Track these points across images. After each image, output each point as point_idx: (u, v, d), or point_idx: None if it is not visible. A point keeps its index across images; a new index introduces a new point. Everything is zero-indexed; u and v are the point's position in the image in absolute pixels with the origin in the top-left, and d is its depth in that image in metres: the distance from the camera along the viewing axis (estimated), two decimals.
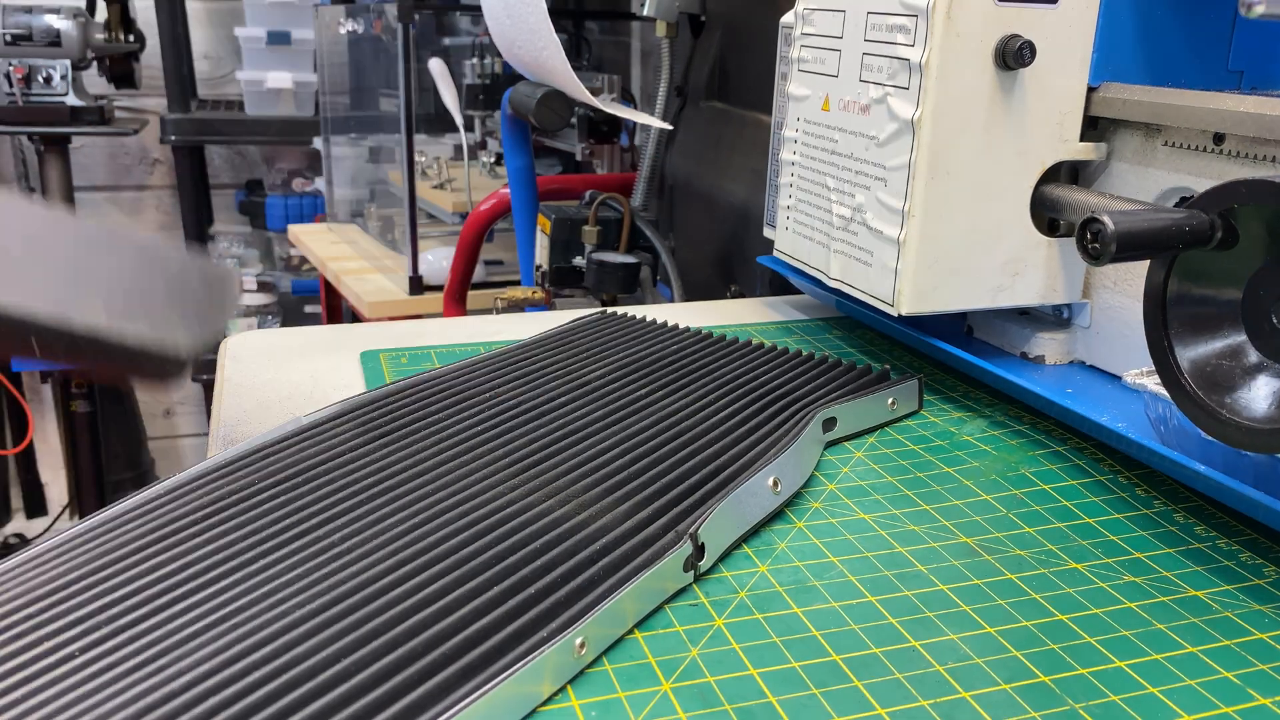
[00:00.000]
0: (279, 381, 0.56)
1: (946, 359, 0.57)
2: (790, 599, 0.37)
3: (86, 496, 2.03)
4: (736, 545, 0.40)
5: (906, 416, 0.53)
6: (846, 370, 0.54)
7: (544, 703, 0.31)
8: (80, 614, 0.32)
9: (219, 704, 0.27)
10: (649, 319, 0.61)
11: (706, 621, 0.35)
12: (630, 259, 1.03)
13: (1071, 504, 0.44)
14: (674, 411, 0.47)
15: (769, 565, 0.39)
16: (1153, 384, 0.44)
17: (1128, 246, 0.36)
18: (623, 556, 0.35)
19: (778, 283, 0.81)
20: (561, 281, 1.07)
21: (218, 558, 0.35)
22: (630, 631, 0.34)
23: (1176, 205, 0.49)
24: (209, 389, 2.15)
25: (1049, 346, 0.56)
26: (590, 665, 0.33)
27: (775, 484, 0.42)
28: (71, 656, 0.30)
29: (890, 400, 0.52)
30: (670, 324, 0.60)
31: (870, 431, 0.51)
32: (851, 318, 0.67)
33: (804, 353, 0.55)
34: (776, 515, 0.42)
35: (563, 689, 0.32)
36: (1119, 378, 0.49)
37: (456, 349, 0.60)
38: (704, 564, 0.37)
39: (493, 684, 0.29)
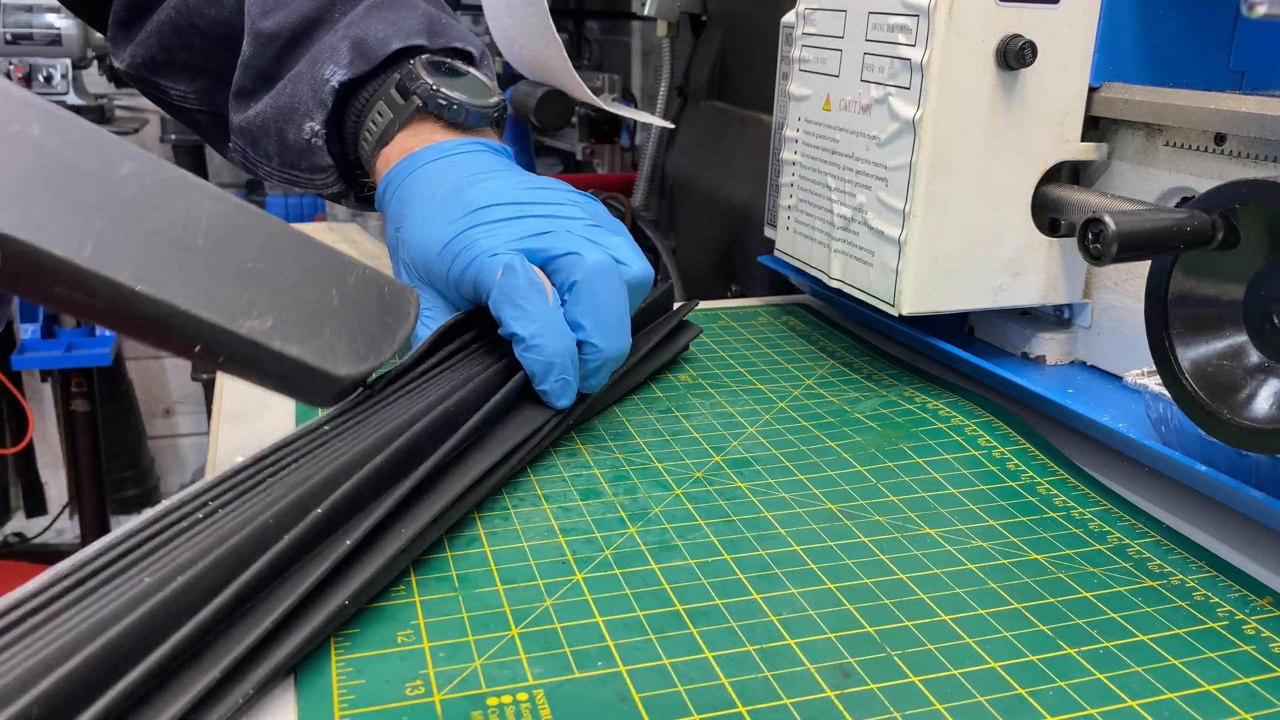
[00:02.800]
0: None
1: (947, 359, 0.57)
2: (651, 557, 0.39)
3: (86, 496, 2.03)
4: (610, 509, 0.42)
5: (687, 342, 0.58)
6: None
7: (397, 645, 0.34)
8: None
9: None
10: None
11: (567, 576, 0.38)
12: None
13: (940, 475, 0.46)
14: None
15: (639, 528, 0.41)
16: (1154, 384, 0.44)
17: (1129, 247, 0.36)
18: None
19: (778, 282, 0.81)
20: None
21: None
22: (495, 587, 0.37)
23: (1178, 205, 0.49)
24: (209, 388, 2.15)
25: (1050, 347, 0.56)
26: (448, 614, 0.35)
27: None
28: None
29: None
30: None
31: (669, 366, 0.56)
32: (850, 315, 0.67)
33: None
34: (656, 484, 0.45)
35: (416, 635, 0.34)
36: (1120, 378, 0.49)
37: None
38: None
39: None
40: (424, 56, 0.56)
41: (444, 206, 0.49)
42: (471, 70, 0.57)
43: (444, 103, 0.54)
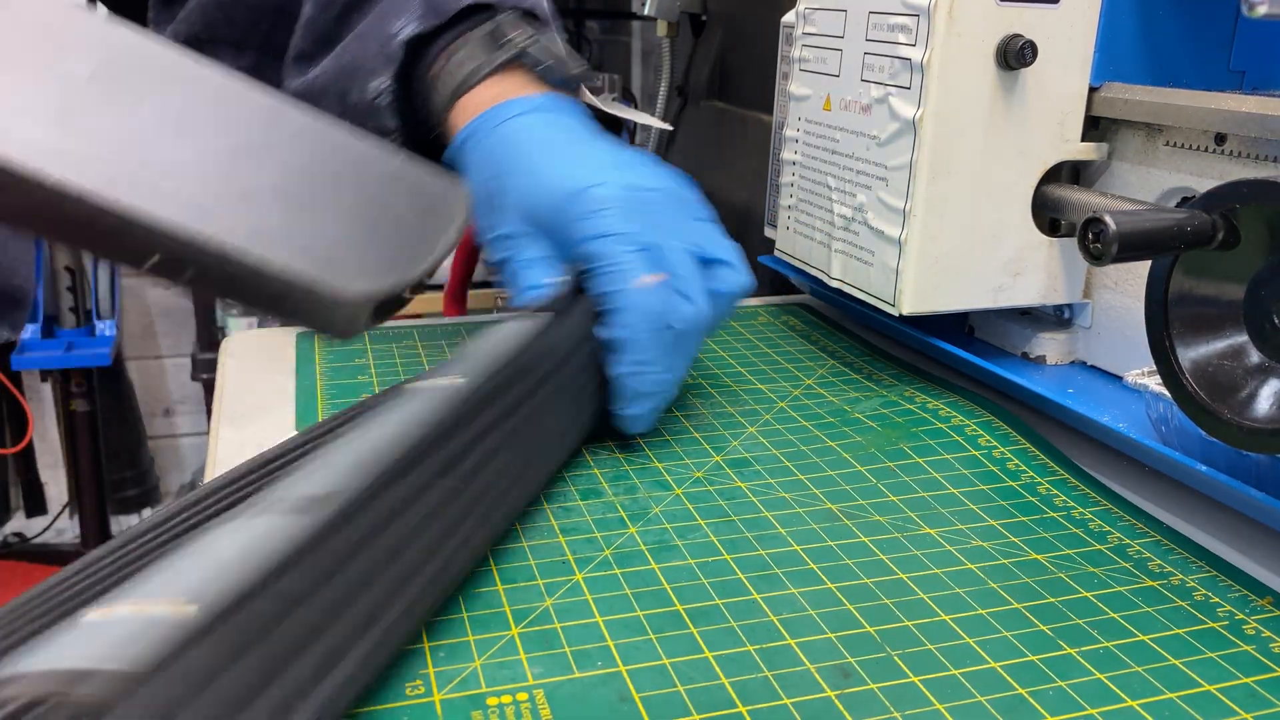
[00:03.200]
0: (279, 381, 0.56)
1: (947, 359, 0.57)
2: (651, 557, 0.39)
3: (86, 496, 2.03)
4: (611, 508, 0.43)
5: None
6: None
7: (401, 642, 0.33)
8: None
9: None
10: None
11: (567, 576, 0.38)
12: None
13: (940, 475, 0.46)
14: None
15: (639, 527, 0.41)
16: (1154, 384, 0.44)
17: (1129, 247, 0.36)
18: None
19: (778, 282, 0.81)
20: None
21: None
22: (495, 587, 0.37)
23: (1178, 205, 0.49)
24: (209, 388, 2.15)
25: (1050, 347, 0.56)
26: (448, 613, 0.35)
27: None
28: None
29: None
30: None
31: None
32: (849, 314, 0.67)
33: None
34: (656, 483, 0.45)
35: (416, 635, 0.34)
36: (1120, 378, 0.49)
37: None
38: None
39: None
40: (510, 12, 0.53)
41: (572, 150, 0.47)
42: (551, 33, 0.55)
43: (539, 57, 0.52)
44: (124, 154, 0.27)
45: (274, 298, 0.29)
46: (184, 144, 0.29)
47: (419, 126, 0.55)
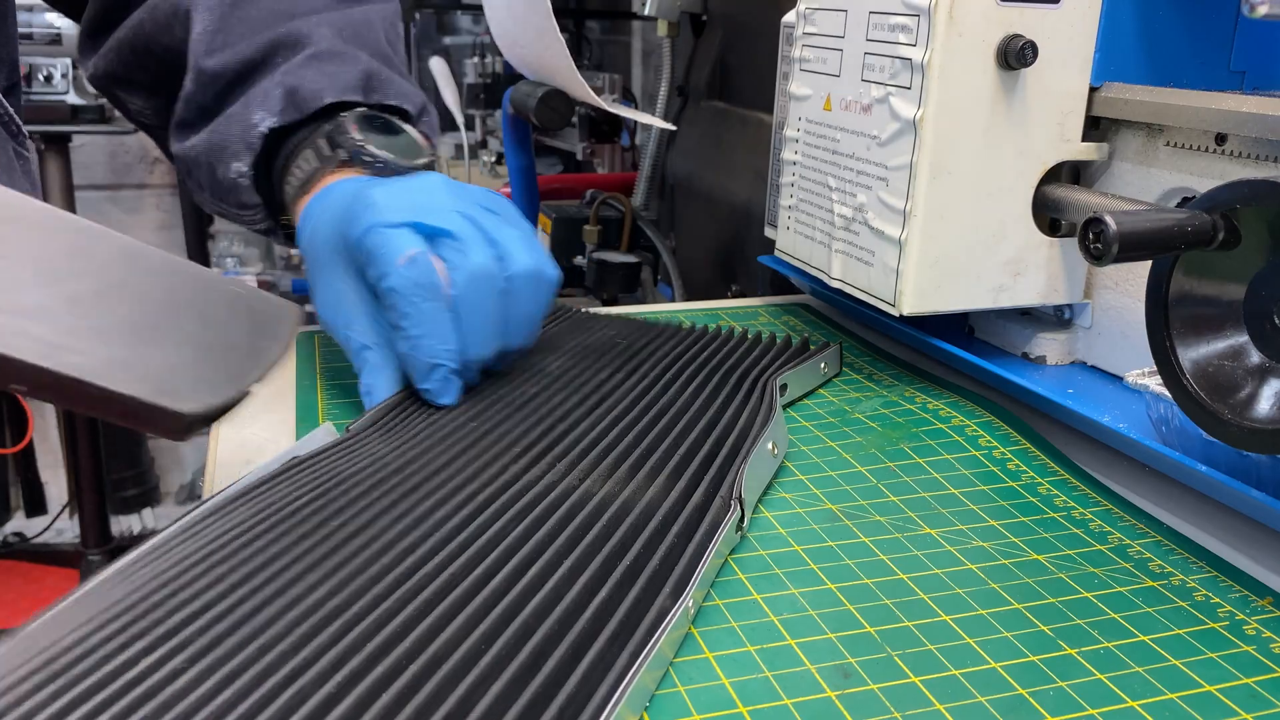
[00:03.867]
0: (279, 381, 0.56)
1: (948, 359, 0.57)
2: None
3: (86, 495, 2.03)
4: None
5: (834, 377, 0.58)
6: (771, 343, 0.57)
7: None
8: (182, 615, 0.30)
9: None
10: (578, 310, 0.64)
11: None
12: (631, 258, 1.03)
13: (941, 476, 0.46)
14: (643, 392, 0.49)
15: None
16: (1154, 384, 0.44)
17: (1130, 247, 0.36)
18: (685, 525, 0.38)
19: (779, 282, 0.81)
20: (562, 281, 1.07)
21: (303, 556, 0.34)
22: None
23: (1178, 206, 0.49)
24: None
25: (1050, 347, 0.56)
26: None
27: (774, 448, 0.45)
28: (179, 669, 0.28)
29: (821, 364, 0.56)
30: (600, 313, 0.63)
31: (807, 395, 0.55)
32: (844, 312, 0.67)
33: (736, 331, 0.59)
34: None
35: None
36: (1121, 378, 0.49)
37: None
38: (746, 525, 0.40)
39: (644, 656, 0.30)
40: (359, 110, 0.56)
41: (345, 196, 0.50)
42: (406, 129, 0.57)
43: (369, 159, 0.54)
44: None
45: (122, 414, 0.34)
46: (49, 290, 0.34)
47: (278, 207, 0.59)
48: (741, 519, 0.40)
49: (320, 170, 0.55)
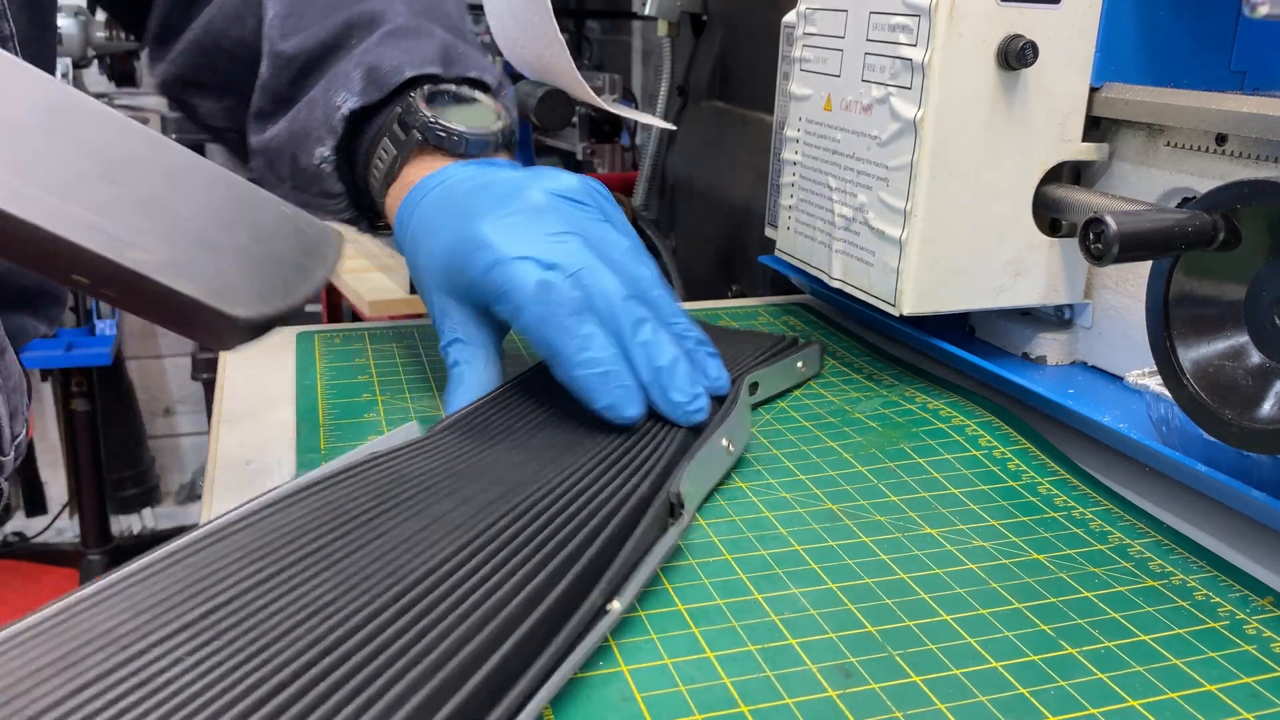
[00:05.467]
0: (279, 380, 0.56)
1: (948, 359, 0.57)
2: None
3: (86, 495, 2.03)
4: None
5: (813, 378, 0.57)
6: (759, 338, 0.57)
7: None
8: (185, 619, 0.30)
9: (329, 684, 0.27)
10: None
11: None
12: None
13: (941, 475, 0.46)
14: None
15: None
16: (1155, 385, 0.44)
17: (1130, 247, 0.36)
18: (625, 521, 0.37)
19: (779, 282, 0.81)
20: None
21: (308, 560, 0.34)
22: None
23: (1179, 206, 0.49)
24: (209, 388, 2.15)
25: (1051, 347, 0.56)
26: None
27: (728, 444, 0.45)
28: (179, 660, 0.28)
29: (799, 364, 0.56)
30: None
31: (783, 395, 0.55)
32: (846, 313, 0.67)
33: (722, 325, 0.59)
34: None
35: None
36: (1121, 378, 0.49)
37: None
38: (683, 519, 0.39)
39: (574, 652, 0.31)
40: (426, 87, 0.55)
41: (447, 215, 0.49)
42: (481, 97, 0.57)
43: (442, 134, 0.53)
44: (67, 193, 0.33)
45: (175, 313, 0.35)
46: (116, 189, 0.35)
47: (362, 194, 0.58)
48: (671, 512, 0.39)
49: (399, 160, 0.54)
